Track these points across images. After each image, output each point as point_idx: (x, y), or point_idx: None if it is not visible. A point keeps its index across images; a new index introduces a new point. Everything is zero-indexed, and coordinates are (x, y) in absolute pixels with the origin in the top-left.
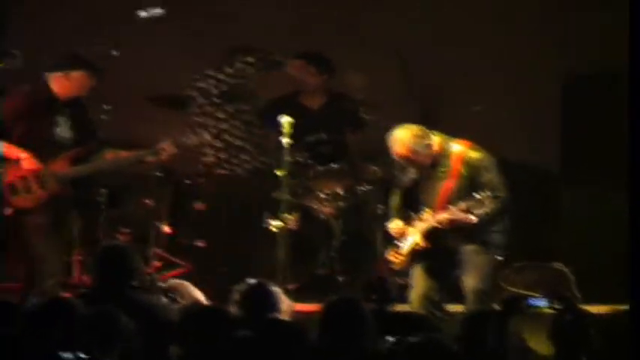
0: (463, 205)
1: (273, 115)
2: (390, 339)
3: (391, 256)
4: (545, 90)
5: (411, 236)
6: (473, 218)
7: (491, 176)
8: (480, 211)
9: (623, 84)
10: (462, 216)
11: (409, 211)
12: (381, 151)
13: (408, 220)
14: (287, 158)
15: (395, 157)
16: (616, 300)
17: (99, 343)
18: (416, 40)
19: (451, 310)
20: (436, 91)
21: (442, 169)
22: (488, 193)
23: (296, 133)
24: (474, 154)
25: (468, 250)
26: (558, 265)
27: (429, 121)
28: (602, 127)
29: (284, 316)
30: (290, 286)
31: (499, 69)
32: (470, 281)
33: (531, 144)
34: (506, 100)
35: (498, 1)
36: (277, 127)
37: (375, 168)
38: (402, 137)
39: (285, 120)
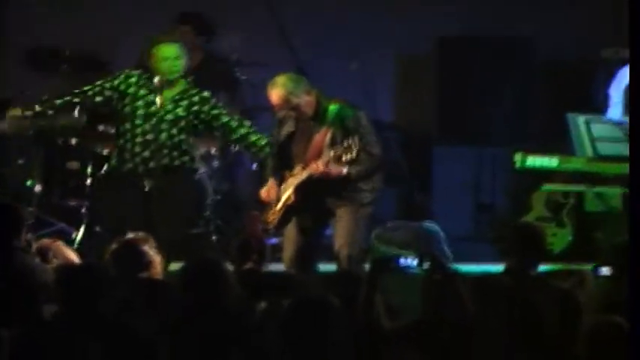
0: (332, 153)
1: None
2: (263, 304)
3: (266, 214)
4: (420, 50)
5: (284, 193)
6: (344, 170)
7: (365, 132)
8: (349, 157)
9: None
10: (333, 168)
11: (283, 168)
12: (255, 110)
13: (282, 179)
14: None
15: (273, 104)
16: (485, 260)
17: None
18: None
19: (325, 269)
20: (313, 47)
21: (317, 124)
22: (356, 140)
23: None
24: (349, 111)
25: (339, 207)
26: (430, 224)
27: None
28: (475, 88)
29: (155, 275)
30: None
31: (377, 28)
32: (339, 240)
33: (405, 104)
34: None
35: None
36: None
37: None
38: (280, 81)
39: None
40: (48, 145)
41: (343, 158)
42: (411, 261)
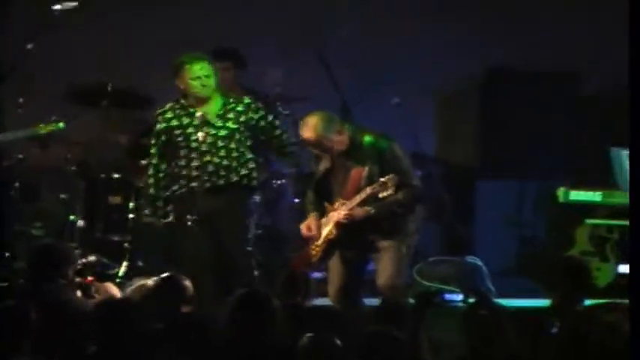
0: (368, 189)
1: None
2: (308, 335)
3: (310, 249)
4: (463, 87)
5: (325, 227)
6: (371, 210)
7: (401, 164)
8: (386, 193)
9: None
10: (357, 211)
11: (324, 202)
12: (297, 144)
13: (323, 212)
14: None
15: (305, 143)
16: (531, 295)
17: (7, 339)
18: (337, 34)
19: (370, 304)
20: (356, 85)
21: (353, 158)
22: (393, 176)
23: None
24: (385, 143)
25: (381, 241)
26: (473, 259)
27: (349, 114)
28: (517, 123)
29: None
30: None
31: (417, 64)
32: (385, 273)
33: (448, 138)
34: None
35: None
36: None
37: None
38: (311, 122)
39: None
40: (90, 179)
41: (380, 195)
42: (455, 295)
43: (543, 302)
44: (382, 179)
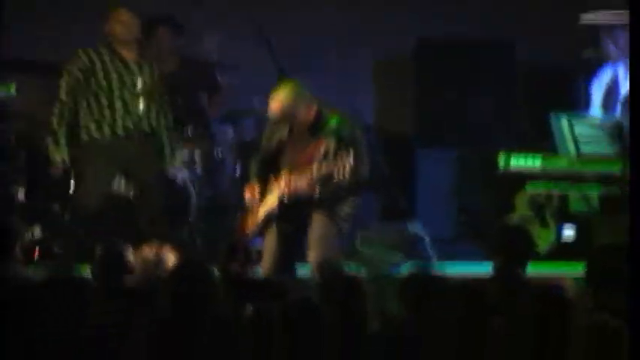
0: (323, 167)
1: None
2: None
3: (247, 220)
4: (401, 54)
5: (268, 197)
6: (316, 190)
7: (358, 150)
8: (339, 177)
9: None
10: (300, 188)
11: (270, 173)
12: (238, 114)
13: (267, 182)
14: None
15: (271, 110)
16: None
17: None
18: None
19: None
20: (293, 51)
21: (314, 134)
22: (350, 162)
23: None
24: (348, 125)
25: (317, 219)
26: (414, 226)
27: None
28: (455, 91)
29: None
30: None
31: (355, 31)
32: (312, 253)
33: (385, 107)
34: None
35: None
36: None
37: (232, 131)
38: (284, 93)
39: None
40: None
41: (335, 177)
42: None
43: (485, 267)
44: (340, 161)
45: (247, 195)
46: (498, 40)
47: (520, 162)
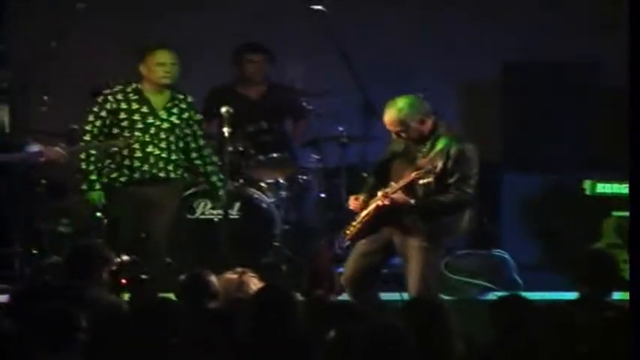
0: (414, 174)
1: (213, 105)
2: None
3: (347, 228)
4: (485, 78)
5: (367, 208)
6: (411, 201)
7: (464, 167)
8: (425, 180)
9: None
10: (400, 197)
11: (380, 186)
12: (322, 139)
13: (374, 195)
14: (228, 148)
15: (385, 123)
16: (558, 288)
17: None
18: (358, 30)
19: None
20: (378, 78)
21: (425, 150)
22: (437, 164)
23: (236, 122)
24: (458, 143)
25: (414, 238)
26: (499, 252)
27: (372, 108)
28: (542, 114)
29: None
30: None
31: (440, 56)
32: (410, 278)
33: (470, 131)
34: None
35: None
36: (218, 117)
37: (316, 157)
38: (399, 105)
39: (226, 110)
40: None
41: (421, 181)
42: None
43: (570, 295)
44: (429, 166)
45: (351, 204)
46: (583, 62)
47: (607, 189)
